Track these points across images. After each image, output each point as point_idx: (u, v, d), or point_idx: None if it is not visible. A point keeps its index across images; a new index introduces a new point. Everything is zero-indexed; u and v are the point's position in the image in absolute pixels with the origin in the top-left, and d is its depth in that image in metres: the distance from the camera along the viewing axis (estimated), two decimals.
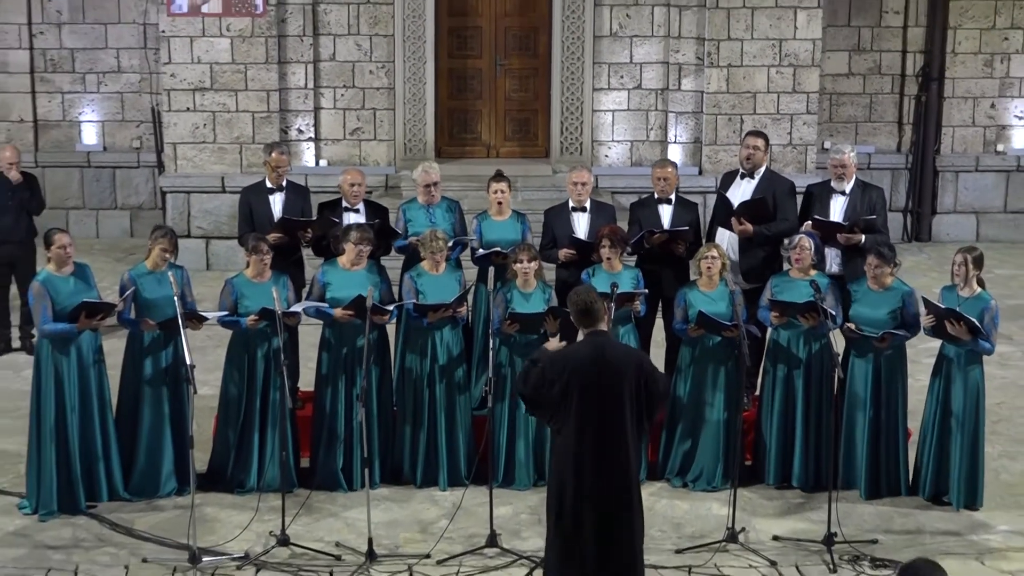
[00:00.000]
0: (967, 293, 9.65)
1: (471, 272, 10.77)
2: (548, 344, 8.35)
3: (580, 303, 7.57)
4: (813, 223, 10.54)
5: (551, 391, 7.40)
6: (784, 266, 10.41)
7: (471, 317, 10.65)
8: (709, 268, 9.98)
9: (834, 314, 9.72)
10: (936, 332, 9.63)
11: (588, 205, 10.81)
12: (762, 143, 10.99)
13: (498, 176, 10.92)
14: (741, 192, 10.90)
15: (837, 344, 9.57)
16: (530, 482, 9.99)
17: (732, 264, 10.58)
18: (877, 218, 10.61)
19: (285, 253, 10.57)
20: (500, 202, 10.78)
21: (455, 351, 10.10)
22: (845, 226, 10.50)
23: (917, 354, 11.95)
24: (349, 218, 10.63)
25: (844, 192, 10.78)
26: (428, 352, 10.03)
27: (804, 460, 9.97)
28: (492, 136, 17.23)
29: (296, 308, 9.82)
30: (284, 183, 11.07)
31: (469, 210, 11.45)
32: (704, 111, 16.56)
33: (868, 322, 9.74)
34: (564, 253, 10.59)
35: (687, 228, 10.63)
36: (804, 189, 11.19)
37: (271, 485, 9.77)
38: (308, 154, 16.67)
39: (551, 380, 7.41)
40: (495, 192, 10.79)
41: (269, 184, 11.05)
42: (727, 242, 10.75)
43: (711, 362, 10.03)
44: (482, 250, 10.62)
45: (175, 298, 9.30)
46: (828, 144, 16.69)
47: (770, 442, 10.04)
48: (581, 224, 10.73)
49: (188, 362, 9.01)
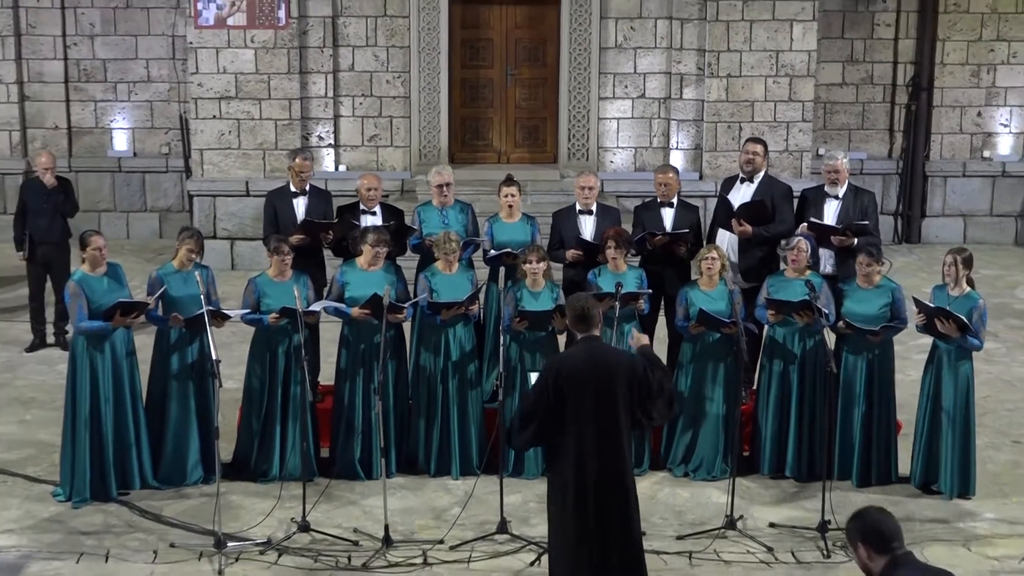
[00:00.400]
0: (957, 292, 9.63)
1: (483, 272, 10.76)
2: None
3: (577, 310, 7.59)
4: (808, 225, 10.53)
5: (548, 399, 7.39)
6: (780, 266, 10.40)
7: (483, 315, 10.65)
8: (709, 268, 9.96)
9: (827, 312, 9.70)
10: (927, 329, 9.64)
11: (594, 208, 10.79)
12: (761, 149, 10.98)
13: (508, 181, 10.92)
14: (741, 195, 10.89)
15: (830, 340, 9.56)
16: (538, 472, 9.97)
17: (731, 264, 10.57)
18: (868, 221, 10.60)
19: (307, 254, 10.57)
20: (511, 205, 10.77)
21: (467, 347, 10.10)
22: (839, 229, 10.49)
23: (908, 350, 11.96)
24: (366, 220, 10.62)
25: (837, 196, 10.76)
26: (442, 348, 10.03)
27: (798, 451, 9.96)
28: (503, 143, 17.22)
29: (315, 307, 9.83)
30: (307, 187, 11.06)
31: (481, 213, 11.44)
32: (704, 119, 16.54)
33: (860, 318, 9.73)
34: (571, 254, 10.58)
35: (688, 231, 10.62)
36: (800, 193, 11.18)
37: (292, 474, 9.78)
38: (328, 160, 16.67)
39: (545, 382, 7.41)
40: (506, 196, 10.78)
41: (293, 188, 11.05)
42: (727, 243, 10.74)
43: (711, 358, 10.02)
44: (493, 251, 10.61)
45: (201, 296, 9.32)
46: (822, 150, 16.67)
47: (766, 434, 10.03)
48: (587, 226, 10.71)
49: (214, 357, 9.01)
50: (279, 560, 8.72)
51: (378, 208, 10.79)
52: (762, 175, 10.95)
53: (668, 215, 10.78)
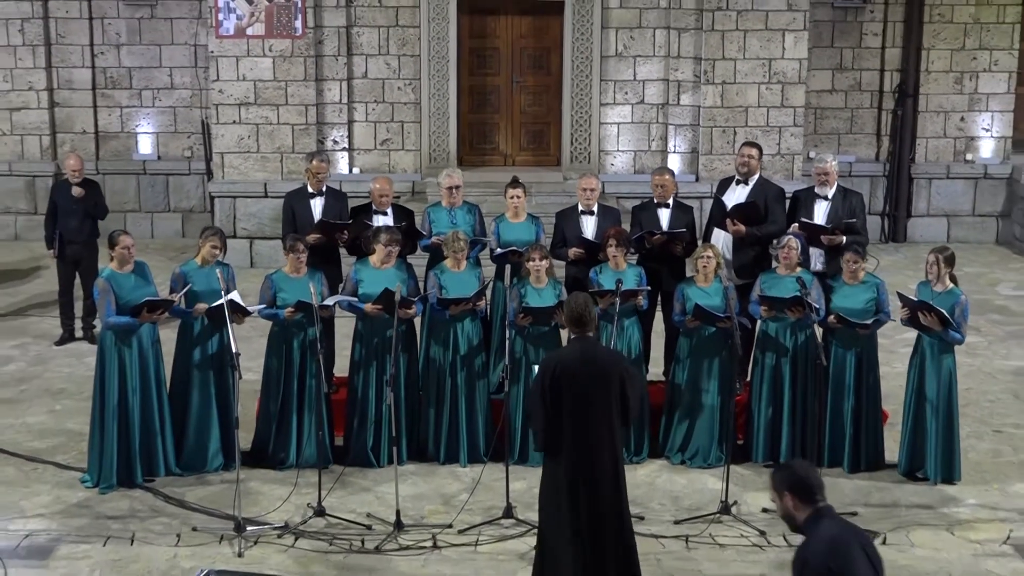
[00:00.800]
0: (940, 288, 9.62)
1: (489, 269, 10.75)
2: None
3: (574, 312, 7.62)
4: (799, 225, 10.53)
5: (546, 396, 7.40)
6: (773, 264, 10.39)
7: (489, 310, 10.65)
8: (705, 266, 9.96)
9: (818, 307, 9.70)
10: (911, 323, 9.64)
11: (595, 209, 10.78)
12: (756, 153, 10.98)
13: (514, 182, 10.91)
14: (736, 196, 10.88)
15: (819, 335, 9.56)
16: (541, 460, 9.96)
17: (726, 262, 10.57)
18: (856, 221, 10.60)
19: (324, 252, 10.57)
20: (516, 206, 10.77)
21: (475, 341, 10.09)
22: (828, 228, 10.49)
23: (893, 344, 11.95)
24: (378, 221, 10.61)
25: (827, 197, 10.75)
26: (451, 342, 10.03)
27: (791, 439, 9.94)
28: (509, 146, 17.20)
29: (329, 302, 9.83)
30: (324, 188, 11.06)
31: (488, 213, 11.43)
32: (701, 124, 16.52)
33: (846, 312, 9.72)
34: (573, 252, 10.57)
35: (684, 230, 10.62)
36: (792, 194, 11.17)
37: (308, 462, 9.79)
38: (342, 163, 16.66)
39: (543, 380, 7.41)
40: (511, 197, 10.78)
41: (310, 189, 11.04)
42: (722, 241, 10.74)
43: (707, 351, 10.01)
44: (499, 249, 10.61)
45: (221, 292, 9.32)
46: (813, 154, 16.62)
47: (759, 423, 10.02)
48: (589, 226, 10.71)
49: (234, 350, 9.01)
50: (296, 543, 8.72)
51: (390, 209, 10.79)
52: (757, 177, 10.94)
53: (664, 215, 10.77)
